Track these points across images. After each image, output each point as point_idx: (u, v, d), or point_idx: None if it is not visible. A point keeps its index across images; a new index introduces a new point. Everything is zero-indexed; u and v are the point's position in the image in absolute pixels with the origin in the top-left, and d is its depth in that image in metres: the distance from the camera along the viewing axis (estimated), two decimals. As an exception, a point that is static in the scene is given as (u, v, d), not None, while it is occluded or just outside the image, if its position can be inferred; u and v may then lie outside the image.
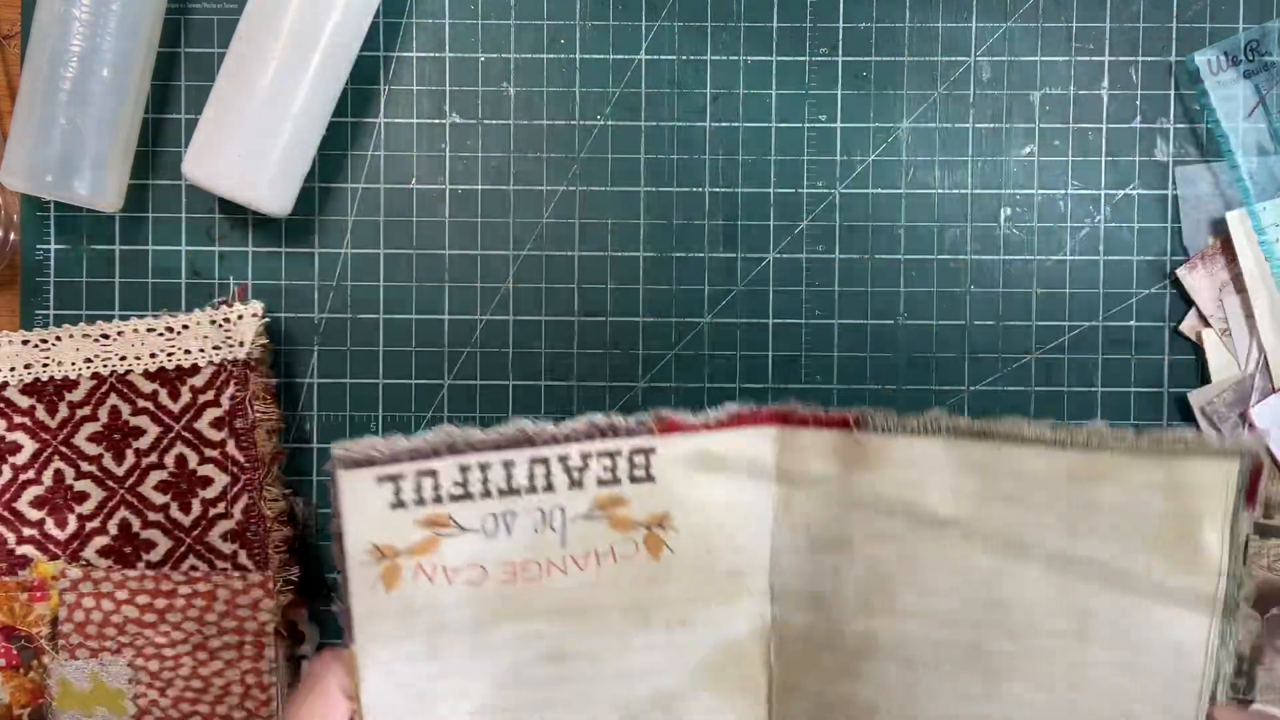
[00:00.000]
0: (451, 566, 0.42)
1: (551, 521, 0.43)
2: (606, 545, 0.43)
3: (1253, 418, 0.49)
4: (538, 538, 0.43)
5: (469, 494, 0.42)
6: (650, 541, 0.44)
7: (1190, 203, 0.50)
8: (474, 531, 0.42)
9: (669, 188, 0.51)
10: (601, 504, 0.43)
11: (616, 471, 0.43)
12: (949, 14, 0.50)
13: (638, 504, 0.43)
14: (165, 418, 0.49)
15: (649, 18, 0.50)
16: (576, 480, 0.43)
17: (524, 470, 0.42)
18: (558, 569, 0.43)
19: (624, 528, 0.43)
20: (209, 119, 0.47)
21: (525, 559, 0.43)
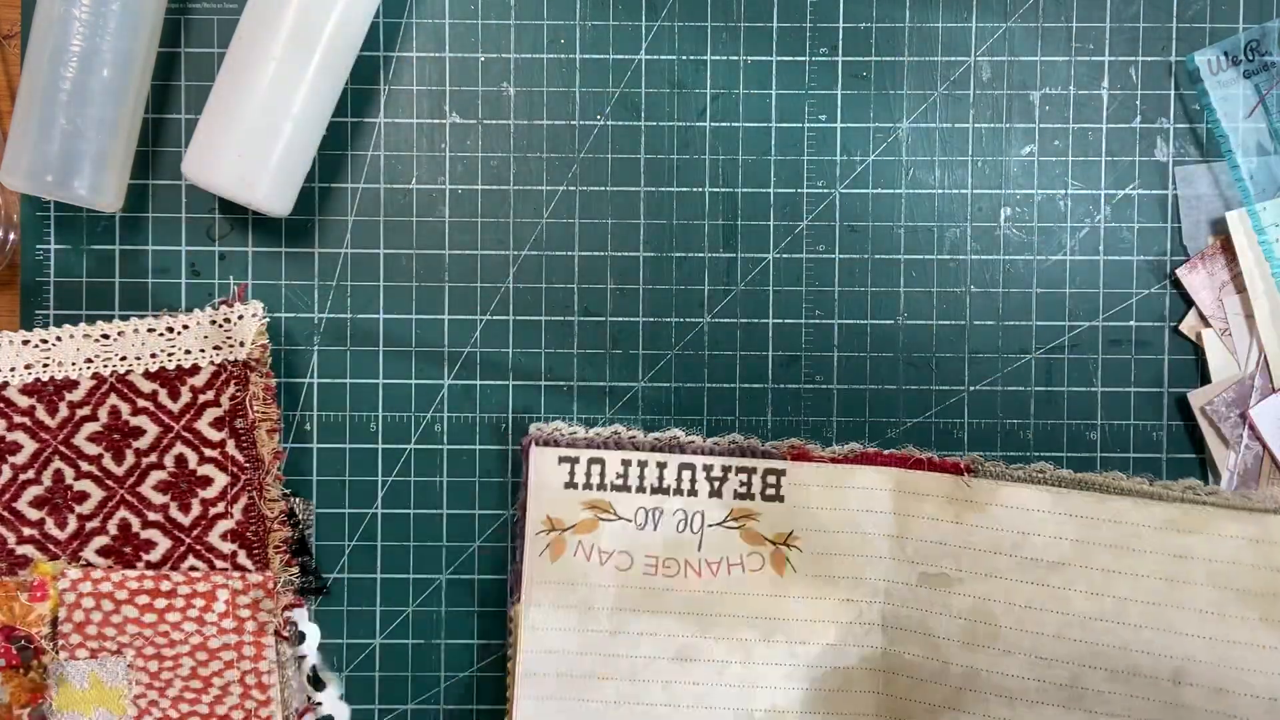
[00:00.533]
0: (605, 549, 0.48)
1: (692, 524, 0.48)
2: (737, 555, 0.49)
3: (1252, 418, 0.49)
4: (679, 537, 0.48)
5: (627, 485, 0.48)
6: (776, 558, 0.49)
7: (1190, 203, 0.50)
8: (627, 520, 0.48)
9: (668, 188, 0.51)
10: (736, 515, 0.48)
11: (751, 487, 0.48)
12: (949, 14, 0.50)
13: (767, 520, 0.48)
14: (165, 418, 0.49)
15: (649, 18, 0.50)
16: (716, 490, 0.48)
17: (674, 472, 0.48)
18: (693, 570, 0.48)
19: (754, 541, 0.49)
20: (209, 119, 0.47)
21: (667, 556, 0.48)
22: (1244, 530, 0.45)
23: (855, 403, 0.51)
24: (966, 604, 0.48)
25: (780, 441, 0.49)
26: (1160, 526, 0.46)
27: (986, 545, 0.48)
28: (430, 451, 0.51)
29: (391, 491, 0.51)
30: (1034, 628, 0.47)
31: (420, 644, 0.51)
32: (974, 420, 0.51)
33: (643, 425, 0.51)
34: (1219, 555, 0.45)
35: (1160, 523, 0.46)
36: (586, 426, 0.48)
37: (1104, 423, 0.51)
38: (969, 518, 0.48)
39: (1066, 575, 0.47)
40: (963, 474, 0.48)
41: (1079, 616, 0.47)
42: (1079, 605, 0.47)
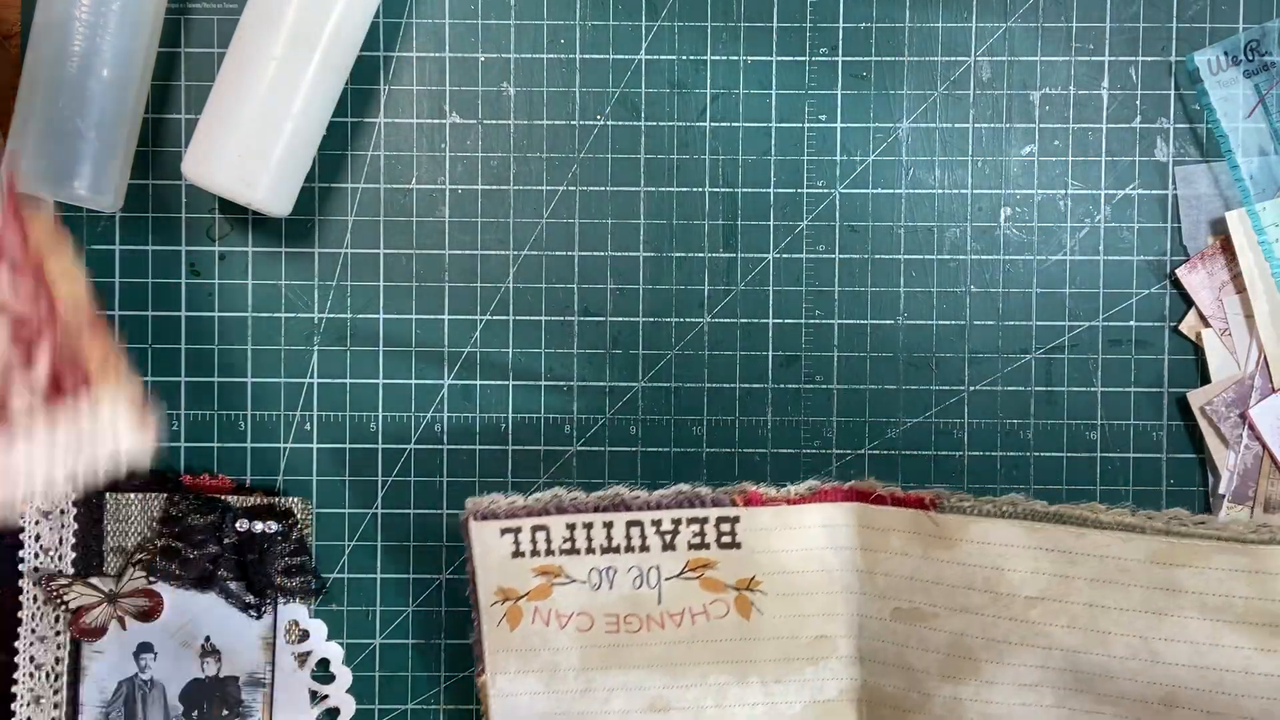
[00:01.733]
0: (563, 612, 0.47)
1: (648, 579, 0.47)
2: (700, 604, 0.47)
3: (1252, 418, 0.49)
4: (636, 593, 0.47)
5: (576, 549, 0.46)
6: (740, 603, 0.47)
7: (1190, 203, 0.50)
8: (581, 582, 0.47)
9: (669, 188, 0.51)
10: (693, 566, 0.47)
11: (705, 537, 0.47)
12: (949, 14, 0.50)
13: (726, 568, 0.47)
14: None
15: (649, 18, 0.50)
16: (669, 543, 0.47)
17: (621, 531, 0.46)
18: (656, 624, 0.47)
19: (715, 589, 0.47)
20: (209, 119, 0.47)
21: (627, 612, 0.47)
22: (1235, 562, 0.43)
23: (855, 403, 0.51)
24: (943, 639, 0.46)
25: (730, 487, 0.47)
26: (1145, 560, 0.44)
27: (958, 581, 0.46)
28: (430, 451, 0.51)
29: (391, 491, 0.51)
30: (1014, 660, 0.45)
31: (420, 644, 0.51)
32: (974, 420, 0.51)
33: (641, 426, 0.51)
34: (1210, 588, 0.43)
35: (1144, 556, 0.44)
36: (523, 494, 0.46)
37: (1104, 423, 0.51)
38: (938, 553, 0.46)
39: (1046, 609, 0.45)
40: (928, 509, 0.46)
41: (1061, 650, 0.45)
42: (1060, 639, 0.45)
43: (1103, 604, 0.44)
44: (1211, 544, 0.43)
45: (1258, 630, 0.43)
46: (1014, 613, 0.45)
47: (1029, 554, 0.45)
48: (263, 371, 0.51)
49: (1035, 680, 0.45)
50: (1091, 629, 0.44)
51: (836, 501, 0.47)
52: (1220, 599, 0.43)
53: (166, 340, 0.51)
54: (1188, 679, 0.44)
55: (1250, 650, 0.43)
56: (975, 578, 0.45)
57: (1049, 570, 0.45)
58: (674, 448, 0.51)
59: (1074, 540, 0.44)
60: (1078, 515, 0.44)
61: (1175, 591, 0.43)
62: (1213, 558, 0.43)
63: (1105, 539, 0.44)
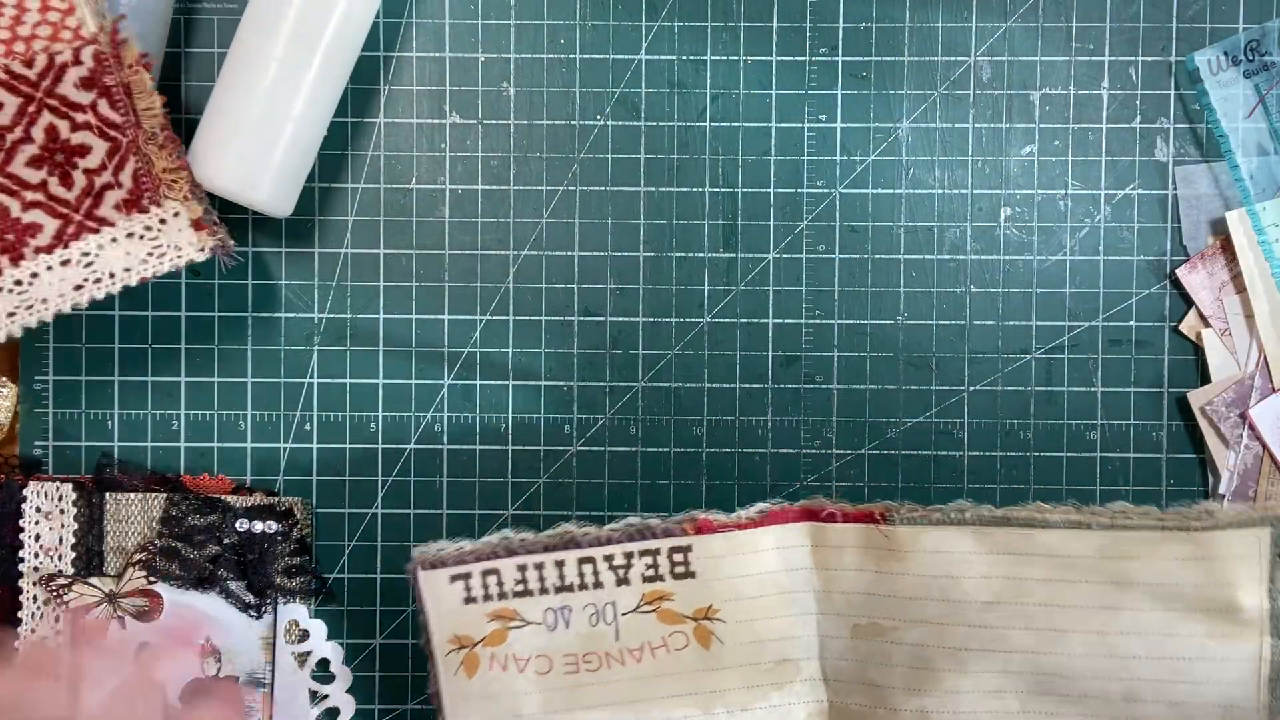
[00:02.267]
0: (520, 656, 0.46)
1: (604, 615, 0.46)
2: (659, 637, 0.46)
3: (1252, 418, 0.49)
4: (593, 631, 0.46)
5: (529, 590, 0.46)
6: (699, 633, 0.47)
7: (1190, 203, 0.50)
8: (537, 624, 0.46)
9: (669, 188, 0.51)
10: (649, 599, 0.46)
11: (659, 569, 0.46)
12: (949, 14, 0.50)
13: (682, 598, 0.46)
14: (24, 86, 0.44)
15: (649, 18, 0.50)
16: (623, 577, 0.46)
17: (574, 569, 0.46)
18: (616, 660, 0.46)
19: (672, 621, 0.46)
20: (209, 119, 0.47)
21: (586, 651, 0.46)
22: (1182, 551, 0.43)
23: (855, 403, 0.51)
24: (904, 652, 0.46)
25: (680, 516, 0.46)
26: (1094, 555, 0.44)
27: (914, 592, 0.45)
28: (430, 451, 0.51)
29: (391, 491, 0.51)
30: (975, 668, 0.45)
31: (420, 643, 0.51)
32: (974, 420, 0.51)
33: (641, 426, 0.51)
34: (1159, 578, 0.43)
35: (1094, 552, 0.44)
36: (471, 540, 0.45)
37: (1104, 423, 0.51)
38: (891, 566, 0.46)
39: (1002, 613, 0.45)
40: (878, 523, 0.46)
41: (1020, 653, 0.45)
42: (1019, 641, 0.45)
43: (1057, 603, 0.44)
44: (1157, 534, 0.43)
45: (1208, 616, 0.43)
46: (971, 619, 0.45)
47: (981, 559, 0.45)
48: (263, 371, 0.51)
49: (998, 686, 0.45)
50: (1048, 629, 0.44)
51: (788, 523, 0.46)
52: (1170, 588, 0.43)
53: (166, 340, 0.51)
54: (1146, 671, 0.44)
55: (1203, 637, 0.43)
56: (930, 588, 0.45)
57: (1002, 574, 0.45)
58: (674, 448, 0.51)
59: (1023, 542, 0.44)
60: (1024, 517, 0.44)
61: (1126, 585, 0.44)
62: (1159, 548, 0.43)
63: (1053, 538, 0.44)
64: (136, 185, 0.45)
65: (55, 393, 0.51)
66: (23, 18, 0.44)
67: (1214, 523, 0.43)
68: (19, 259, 0.45)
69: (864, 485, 0.51)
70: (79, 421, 0.51)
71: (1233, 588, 0.43)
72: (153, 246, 0.46)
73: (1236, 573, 0.43)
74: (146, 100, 0.45)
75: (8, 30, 0.44)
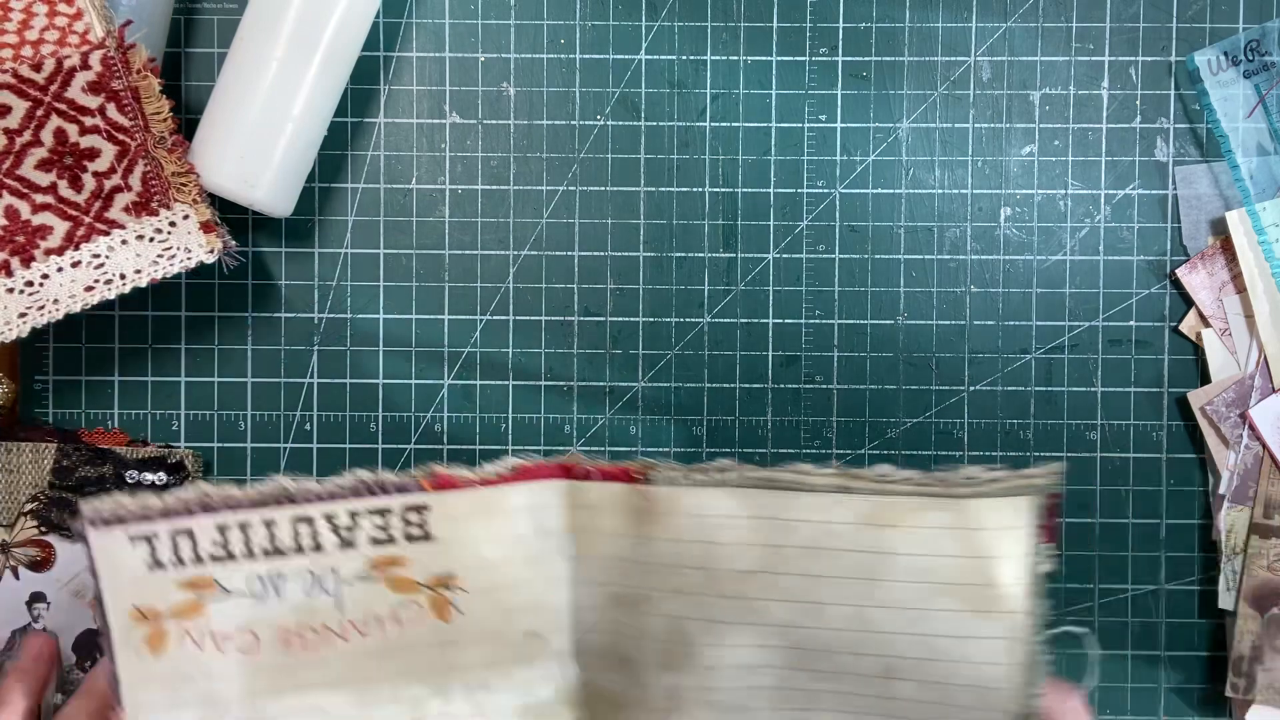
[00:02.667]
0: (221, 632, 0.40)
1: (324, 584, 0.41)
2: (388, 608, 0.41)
3: (1252, 418, 0.49)
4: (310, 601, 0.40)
5: (231, 554, 0.40)
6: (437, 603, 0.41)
7: (1190, 203, 0.50)
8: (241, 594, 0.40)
9: (669, 188, 0.51)
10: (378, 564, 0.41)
11: (390, 530, 0.41)
12: (949, 14, 0.50)
13: (418, 564, 0.41)
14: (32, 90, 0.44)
15: (649, 18, 0.50)
16: (347, 540, 0.40)
17: (288, 529, 0.40)
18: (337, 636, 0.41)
19: (405, 589, 0.41)
20: (209, 119, 0.47)
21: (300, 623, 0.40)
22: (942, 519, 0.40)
23: (855, 403, 0.51)
24: (660, 624, 0.42)
25: (417, 469, 0.41)
26: (855, 522, 0.40)
27: (672, 559, 0.41)
28: (430, 451, 0.51)
29: (391, 491, 0.51)
30: (733, 641, 0.42)
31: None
32: (974, 420, 0.51)
33: (641, 426, 0.51)
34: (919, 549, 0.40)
35: (855, 518, 0.40)
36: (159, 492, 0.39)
37: (1104, 423, 0.51)
38: (651, 530, 0.41)
39: (761, 583, 0.41)
40: (636, 481, 0.41)
41: (777, 626, 0.41)
42: (777, 613, 0.41)
43: (816, 573, 0.41)
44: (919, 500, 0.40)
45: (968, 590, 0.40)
46: (729, 589, 0.41)
47: (743, 524, 0.41)
48: (263, 371, 0.51)
49: (756, 661, 0.42)
50: (807, 600, 0.41)
51: (541, 479, 0.41)
52: (930, 560, 0.40)
53: (166, 340, 0.51)
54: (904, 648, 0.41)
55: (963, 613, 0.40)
56: (690, 554, 0.41)
57: (763, 540, 0.41)
58: (674, 448, 0.51)
59: (785, 506, 0.41)
60: (788, 479, 0.40)
61: (886, 554, 0.40)
62: (922, 515, 0.40)
63: (816, 502, 0.40)
64: (146, 188, 0.45)
65: (55, 393, 0.51)
66: (30, 22, 0.44)
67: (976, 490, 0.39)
68: (29, 260, 0.45)
69: (864, 485, 0.51)
70: (79, 421, 0.51)
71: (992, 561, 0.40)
72: (162, 249, 0.46)
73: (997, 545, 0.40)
74: (155, 104, 0.45)
75: (15, 35, 0.44)
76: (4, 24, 0.44)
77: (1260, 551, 0.49)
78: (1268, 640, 0.49)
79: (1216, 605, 0.50)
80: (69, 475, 0.49)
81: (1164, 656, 0.51)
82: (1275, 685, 0.49)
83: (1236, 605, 0.50)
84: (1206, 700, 0.51)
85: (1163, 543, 0.51)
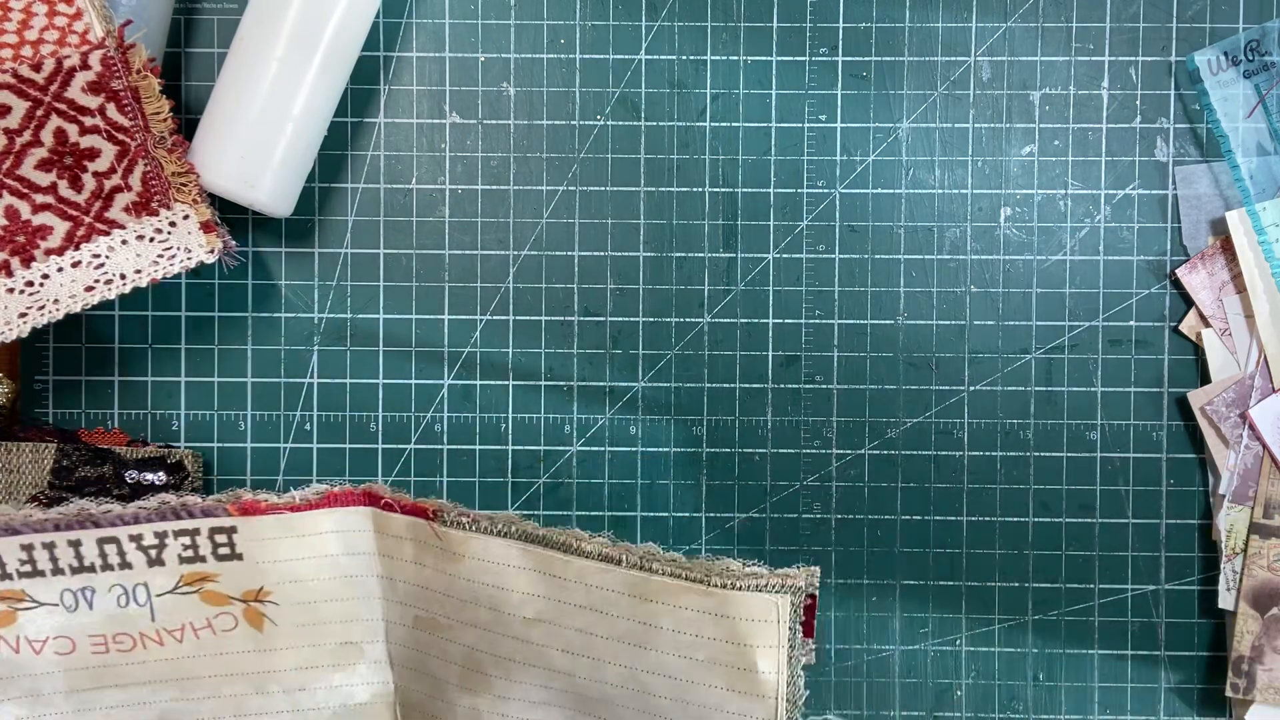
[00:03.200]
0: (35, 637, 0.42)
1: (135, 597, 0.43)
2: (202, 618, 0.43)
3: (1252, 418, 0.49)
4: (123, 612, 0.43)
5: (39, 571, 0.42)
6: (249, 614, 0.44)
7: (1190, 203, 0.50)
8: (53, 605, 0.42)
9: (668, 188, 0.51)
10: (189, 580, 0.43)
11: (199, 550, 0.43)
12: (949, 14, 0.50)
13: (229, 580, 0.43)
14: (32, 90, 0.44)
15: (649, 18, 0.50)
16: (156, 558, 0.42)
17: (93, 549, 0.42)
18: (153, 640, 0.43)
19: (218, 602, 0.43)
20: (210, 119, 0.47)
21: (116, 631, 0.43)
22: (703, 604, 0.42)
23: (855, 403, 0.51)
24: (459, 651, 0.45)
25: (223, 495, 0.43)
26: (624, 592, 0.43)
27: (466, 596, 0.44)
28: (430, 451, 0.51)
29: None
30: (521, 679, 0.44)
31: None
32: (974, 420, 0.51)
33: (641, 426, 0.51)
34: (682, 626, 0.42)
35: (624, 588, 0.43)
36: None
37: (1104, 423, 0.51)
38: (446, 566, 0.44)
39: (545, 631, 0.44)
40: (430, 520, 0.44)
41: (561, 673, 0.44)
42: (559, 662, 0.44)
43: (593, 631, 0.43)
44: (679, 583, 0.42)
45: (730, 671, 0.42)
46: (517, 632, 0.44)
47: (525, 575, 0.43)
48: (263, 371, 0.51)
49: (543, 699, 0.45)
50: (585, 655, 0.43)
51: (349, 506, 0.44)
52: (692, 639, 0.42)
53: (166, 340, 0.51)
54: (674, 713, 0.43)
55: (724, 691, 0.42)
56: (480, 594, 0.44)
57: (543, 593, 0.43)
58: (674, 448, 0.51)
59: (562, 566, 0.43)
60: (562, 541, 0.43)
61: (653, 626, 0.43)
62: (682, 597, 0.42)
63: (589, 567, 0.43)
64: (146, 188, 0.45)
65: (55, 393, 0.51)
66: (30, 22, 0.44)
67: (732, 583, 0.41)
68: (30, 260, 0.45)
69: (864, 485, 0.51)
70: (79, 421, 0.51)
71: (752, 649, 0.42)
72: (163, 249, 0.46)
73: (755, 634, 0.42)
74: (155, 104, 0.45)
75: (15, 34, 0.44)
76: (4, 24, 0.44)
77: (1260, 551, 0.49)
78: (1268, 640, 0.49)
79: (1216, 605, 0.50)
80: (69, 475, 0.49)
81: (1164, 656, 0.51)
82: (1275, 685, 0.49)
83: (1236, 605, 0.50)
84: (1206, 700, 0.51)
85: (1163, 543, 0.51)
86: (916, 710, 0.51)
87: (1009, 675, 0.51)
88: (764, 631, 0.42)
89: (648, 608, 0.43)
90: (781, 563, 0.51)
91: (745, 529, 0.51)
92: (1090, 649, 0.51)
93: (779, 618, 0.41)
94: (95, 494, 0.48)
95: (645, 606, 0.43)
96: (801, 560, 0.51)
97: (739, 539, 0.51)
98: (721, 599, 0.42)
